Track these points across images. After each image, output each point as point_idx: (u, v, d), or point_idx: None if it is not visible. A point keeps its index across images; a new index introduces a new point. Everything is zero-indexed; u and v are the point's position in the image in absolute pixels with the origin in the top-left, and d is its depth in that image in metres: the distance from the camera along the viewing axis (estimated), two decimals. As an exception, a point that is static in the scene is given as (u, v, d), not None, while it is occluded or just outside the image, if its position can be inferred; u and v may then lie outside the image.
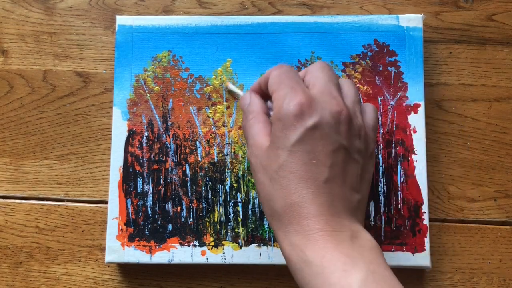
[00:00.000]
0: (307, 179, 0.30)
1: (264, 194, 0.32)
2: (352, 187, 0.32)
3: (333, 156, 0.31)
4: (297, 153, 0.30)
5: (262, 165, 0.32)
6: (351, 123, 0.32)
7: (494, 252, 0.42)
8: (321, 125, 0.30)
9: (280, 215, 0.31)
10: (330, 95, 0.32)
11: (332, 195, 0.30)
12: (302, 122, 0.30)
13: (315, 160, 0.30)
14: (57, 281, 0.42)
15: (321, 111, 0.31)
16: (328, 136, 0.31)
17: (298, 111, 0.30)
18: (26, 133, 0.43)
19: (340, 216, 0.30)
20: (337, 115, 0.31)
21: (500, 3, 0.44)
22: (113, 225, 0.40)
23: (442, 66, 0.44)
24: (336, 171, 0.31)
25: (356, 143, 0.32)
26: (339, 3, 0.44)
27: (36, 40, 0.44)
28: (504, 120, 0.43)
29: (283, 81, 0.32)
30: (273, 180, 0.31)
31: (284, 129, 0.31)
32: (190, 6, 0.45)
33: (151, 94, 0.42)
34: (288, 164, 0.30)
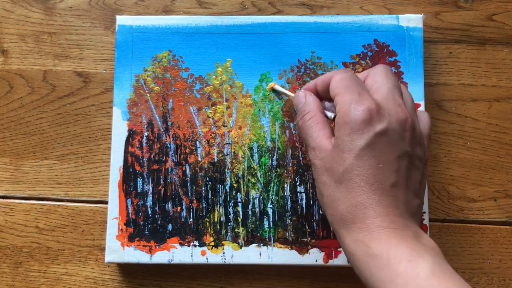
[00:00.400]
0: (373, 182, 0.31)
1: (328, 194, 0.33)
2: (414, 191, 0.33)
3: (398, 161, 0.32)
4: (364, 157, 0.31)
5: (326, 167, 0.32)
6: (415, 131, 0.33)
7: (494, 252, 0.42)
8: (389, 131, 0.31)
9: (344, 214, 0.32)
10: (395, 102, 0.32)
11: (397, 199, 0.31)
12: (370, 128, 0.31)
13: (382, 164, 0.31)
14: (57, 281, 0.42)
15: (389, 118, 0.32)
16: (394, 143, 0.31)
17: (367, 116, 0.31)
18: (26, 133, 0.43)
19: (404, 217, 0.31)
20: (403, 123, 0.32)
21: (500, 3, 0.44)
22: (113, 225, 0.40)
23: (442, 66, 0.44)
24: (400, 176, 0.32)
25: (418, 150, 0.33)
26: (339, 3, 0.44)
27: (36, 40, 0.44)
28: (504, 120, 0.43)
29: (349, 85, 0.33)
30: (339, 182, 0.32)
31: (352, 133, 0.31)
32: (190, 6, 0.45)
33: (151, 94, 0.42)
34: (355, 167, 0.31)
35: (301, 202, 0.40)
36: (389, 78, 0.34)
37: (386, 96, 0.33)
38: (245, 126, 0.41)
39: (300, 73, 0.42)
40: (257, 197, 0.40)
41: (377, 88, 0.33)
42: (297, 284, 0.42)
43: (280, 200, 0.40)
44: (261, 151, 0.41)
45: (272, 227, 0.40)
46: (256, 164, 0.41)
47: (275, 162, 0.41)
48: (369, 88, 0.34)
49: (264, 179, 0.41)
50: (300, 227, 0.40)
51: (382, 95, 0.33)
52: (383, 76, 0.34)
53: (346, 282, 0.42)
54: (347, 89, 0.33)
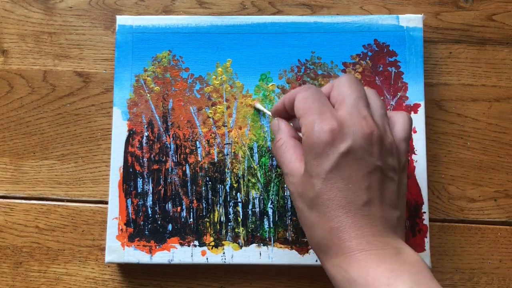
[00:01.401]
0: (345, 205, 0.30)
1: (303, 220, 0.32)
2: (390, 205, 0.31)
3: (369, 178, 0.30)
4: (332, 180, 0.30)
5: (299, 192, 0.32)
6: (383, 142, 0.31)
7: (494, 252, 0.42)
8: (354, 149, 0.30)
9: (319, 240, 0.31)
10: (359, 115, 0.31)
11: (372, 217, 0.30)
12: (334, 149, 0.30)
13: (351, 184, 0.30)
14: (57, 281, 0.42)
15: (353, 135, 0.30)
16: (362, 159, 0.30)
17: (330, 137, 0.30)
18: (26, 133, 0.43)
19: (382, 235, 0.30)
20: (368, 137, 0.31)
21: (500, 3, 0.44)
22: (113, 225, 0.40)
23: (442, 66, 0.44)
24: (373, 193, 0.30)
25: (390, 161, 0.32)
26: (339, 3, 0.44)
27: (36, 40, 0.44)
28: (504, 120, 0.43)
29: (310, 105, 0.32)
30: (311, 208, 0.31)
31: (317, 157, 0.30)
32: (190, 6, 0.45)
33: (151, 94, 0.42)
34: (324, 191, 0.30)
35: (301, 202, 0.40)
36: (353, 88, 0.32)
37: (350, 110, 0.31)
38: (245, 126, 0.41)
39: (300, 73, 0.42)
40: (257, 197, 0.40)
41: (341, 101, 0.32)
42: (297, 284, 0.42)
43: (280, 200, 0.40)
44: (261, 151, 0.41)
45: (272, 227, 0.40)
46: (256, 164, 0.41)
47: (275, 162, 0.41)
48: (334, 101, 0.32)
49: (264, 179, 0.41)
50: (300, 227, 0.40)
51: (346, 110, 0.31)
52: (347, 86, 0.32)
53: (346, 282, 0.42)
54: (308, 110, 0.32)
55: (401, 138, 0.33)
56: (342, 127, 0.30)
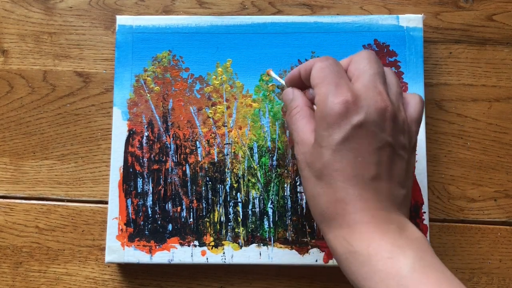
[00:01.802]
0: (353, 177, 0.30)
1: (309, 190, 0.32)
2: (398, 182, 0.31)
3: (379, 153, 0.30)
4: (342, 151, 0.30)
5: (307, 162, 0.32)
6: (396, 119, 0.31)
7: (494, 252, 0.42)
8: (366, 123, 0.30)
9: (324, 210, 0.31)
10: (375, 89, 0.31)
11: (379, 192, 0.30)
12: (346, 121, 0.30)
13: (361, 158, 0.30)
14: (57, 281, 0.42)
15: (367, 109, 0.30)
16: (374, 134, 0.30)
17: (343, 109, 0.30)
18: (26, 133, 0.43)
19: (387, 210, 0.30)
20: (382, 112, 0.30)
21: (500, 3, 0.44)
22: (113, 225, 0.40)
23: (442, 66, 0.44)
24: (382, 168, 0.30)
25: (401, 139, 0.32)
26: (339, 3, 0.44)
27: (36, 40, 0.44)
28: (504, 120, 0.43)
29: (327, 75, 0.32)
30: (318, 178, 0.31)
31: (329, 127, 0.30)
32: (190, 6, 0.45)
33: (151, 94, 0.42)
34: (333, 162, 0.30)
35: (301, 202, 0.40)
36: (372, 64, 0.32)
37: (366, 84, 0.31)
38: (245, 126, 0.41)
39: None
40: (257, 197, 0.40)
41: (358, 74, 0.32)
42: (297, 284, 0.42)
43: (280, 200, 0.40)
44: (261, 151, 0.41)
45: (272, 227, 0.40)
46: (256, 164, 0.41)
47: (275, 162, 0.41)
48: (351, 75, 0.32)
49: (264, 179, 0.41)
50: (300, 227, 0.40)
51: (362, 83, 0.31)
52: (365, 62, 0.32)
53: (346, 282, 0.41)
54: (324, 79, 0.32)
55: (413, 118, 0.33)
56: (356, 99, 0.30)
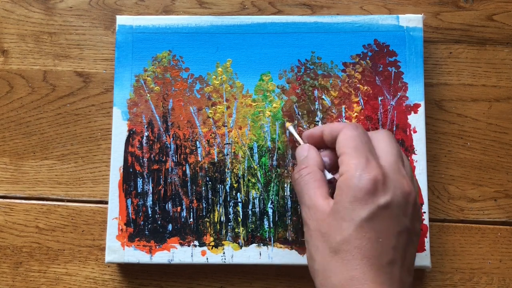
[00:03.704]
0: (371, 257, 0.29)
1: (319, 261, 0.31)
2: (408, 269, 0.31)
3: (398, 237, 0.30)
4: (365, 229, 0.30)
5: (321, 232, 0.31)
6: (416, 206, 0.31)
7: (494, 252, 0.42)
8: (392, 205, 0.30)
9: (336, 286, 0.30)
10: (400, 173, 0.31)
11: (392, 277, 0.30)
12: (374, 199, 0.30)
13: (382, 239, 0.30)
14: (57, 281, 0.42)
15: (394, 190, 0.30)
16: (397, 217, 0.30)
17: (373, 187, 0.30)
18: (26, 133, 0.43)
19: None
20: (407, 197, 0.31)
21: (500, 3, 0.44)
22: (113, 225, 0.40)
23: (442, 66, 0.44)
24: (397, 253, 0.30)
25: (416, 225, 0.32)
26: (339, 3, 0.44)
27: (36, 40, 0.44)
28: (504, 120, 0.43)
29: (358, 147, 0.31)
30: (334, 251, 0.30)
31: (354, 201, 0.30)
32: (190, 6, 0.45)
33: (151, 94, 0.42)
34: (353, 239, 0.29)
35: (301, 202, 0.40)
36: (394, 145, 0.32)
37: (392, 166, 0.31)
38: (245, 126, 0.41)
39: (300, 73, 0.42)
40: (257, 197, 0.40)
41: (381, 154, 0.32)
42: (297, 284, 0.42)
43: (280, 200, 0.40)
44: (261, 151, 0.41)
45: (272, 227, 0.40)
46: (256, 164, 0.41)
47: (275, 162, 0.41)
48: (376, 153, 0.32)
49: (264, 179, 0.41)
50: (300, 227, 0.40)
51: (388, 164, 0.31)
52: (387, 142, 0.32)
53: (346, 282, 0.42)
54: (355, 150, 0.31)
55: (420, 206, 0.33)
56: (385, 179, 0.30)
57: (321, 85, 0.41)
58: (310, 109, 0.41)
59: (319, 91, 0.41)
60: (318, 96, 0.41)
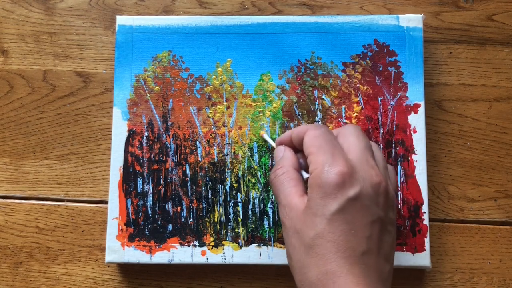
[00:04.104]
0: (345, 249, 0.30)
1: (296, 259, 0.31)
2: (384, 257, 0.31)
3: (371, 227, 0.31)
4: (337, 222, 0.30)
5: (296, 229, 0.31)
6: (388, 195, 0.32)
7: (494, 252, 0.42)
8: (362, 196, 0.30)
9: (313, 282, 0.30)
10: (368, 164, 0.31)
11: (368, 267, 0.30)
12: (343, 192, 0.30)
13: (354, 230, 0.30)
14: (57, 281, 0.42)
15: (362, 182, 0.31)
16: (368, 208, 0.30)
17: (340, 180, 0.30)
18: (26, 133, 0.43)
19: (373, 286, 0.30)
20: (376, 187, 0.31)
21: (500, 3, 0.44)
22: (113, 225, 0.40)
23: (442, 66, 0.44)
24: (372, 243, 0.30)
25: (390, 214, 0.32)
26: (339, 3, 0.44)
27: (36, 40, 0.44)
28: (504, 120, 0.43)
29: (322, 144, 0.32)
30: (308, 247, 0.30)
31: (324, 196, 0.30)
32: (190, 6, 0.45)
33: (151, 94, 0.42)
34: (326, 232, 0.30)
35: (301, 202, 0.40)
36: (361, 138, 0.33)
37: (359, 158, 0.31)
38: (245, 126, 0.41)
39: (300, 73, 0.42)
40: (257, 197, 0.41)
41: (348, 148, 0.32)
42: (297, 284, 0.42)
43: (280, 200, 0.40)
44: (261, 151, 0.41)
45: (272, 227, 0.40)
46: (256, 164, 0.41)
47: (275, 162, 0.41)
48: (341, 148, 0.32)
49: (264, 179, 0.41)
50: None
51: (354, 156, 0.32)
52: (354, 136, 0.33)
53: (346, 282, 0.42)
54: (320, 148, 0.32)
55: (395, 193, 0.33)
56: (353, 172, 0.31)
57: (321, 85, 0.42)
58: (310, 109, 0.41)
59: (319, 91, 0.41)
60: (318, 96, 0.41)
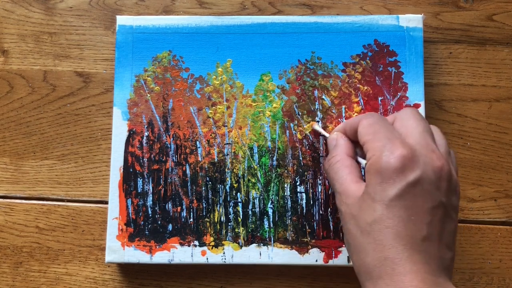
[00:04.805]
0: (404, 236, 0.29)
1: (354, 244, 0.31)
2: (447, 245, 0.30)
3: (432, 213, 0.30)
4: (395, 208, 0.29)
5: (353, 215, 0.31)
6: (450, 180, 0.31)
7: (494, 252, 0.42)
8: (423, 180, 0.29)
9: (370, 268, 0.30)
10: (428, 147, 0.31)
11: (428, 254, 0.29)
12: (402, 177, 0.29)
13: (414, 216, 0.29)
14: (57, 281, 0.42)
15: (423, 166, 0.30)
16: (429, 193, 0.30)
17: (400, 164, 0.29)
18: (27, 133, 0.43)
19: (434, 274, 0.29)
20: (438, 171, 0.30)
21: (500, 3, 0.44)
22: (113, 225, 0.40)
23: (442, 66, 0.44)
24: (433, 229, 0.30)
25: (453, 200, 0.31)
26: (339, 3, 0.44)
27: (37, 40, 0.44)
28: (504, 120, 0.43)
29: (378, 131, 0.31)
30: (366, 233, 0.30)
31: (383, 182, 0.30)
32: (190, 6, 0.45)
33: (151, 94, 0.42)
34: (385, 218, 0.29)
35: (301, 202, 0.40)
36: (419, 121, 0.32)
37: (419, 141, 0.31)
38: (245, 126, 0.41)
39: (300, 73, 0.42)
40: (257, 197, 0.41)
41: (407, 132, 0.31)
42: (297, 284, 0.42)
43: (280, 200, 0.40)
44: (261, 151, 0.41)
45: (272, 227, 0.40)
46: (256, 164, 0.41)
47: (275, 162, 0.41)
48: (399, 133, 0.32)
49: (264, 179, 0.41)
50: (300, 227, 0.40)
51: (414, 140, 0.31)
52: (412, 119, 0.32)
53: (346, 282, 0.42)
54: (376, 135, 0.31)
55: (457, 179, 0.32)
56: (413, 156, 0.30)
57: (321, 85, 0.42)
58: (310, 109, 0.41)
59: (319, 91, 0.42)
60: (318, 96, 0.41)
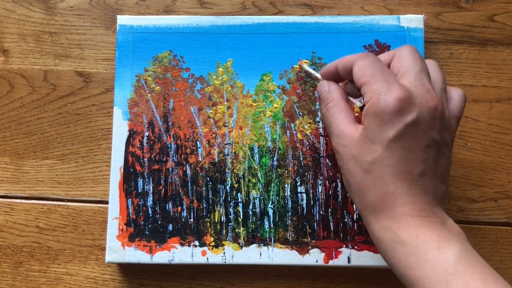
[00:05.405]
0: (402, 172, 0.31)
1: (355, 182, 0.33)
2: (440, 178, 0.32)
3: (427, 150, 0.31)
4: (394, 148, 0.31)
5: (353, 155, 0.32)
6: (444, 118, 0.32)
7: (495, 253, 0.42)
8: (419, 121, 0.31)
9: (372, 202, 0.32)
10: (424, 88, 0.32)
11: (424, 187, 0.31)
12: (401, 118, 0.31)
13: (411, 155, 0.31)
14: (58, 281, 0.42)
15: (419, 107, 0.31)
16: (424, 132, 0.31)
17: (398, 106, 0.31)
18: (27, 133, 0.43)
19: (431, 205, 0.31)
20: (432, 111, 0.31)
21: (501, 3, 0.44)
22: (113, 225, 0.40)
23: (443, 67, 0.44)
24: (428, 165, 0.32)
25: (446, 137, 0.33)
26: (340, 4, 0.44)
27: (37, 39, 0.44)
28: (505, 120, 0.43)
29: (375, 73, 0.32)
30: (366, 171, 0.32)
31: (382, 124, 0.31)
32: (191, 6, 0.45)
33: (152, 94, 0.42)
34: (384, 158, 0.31)
35: (301, 203, 0.40)
36: (416, 61, 0.33)
37: (414, 82, 0.32)
38: (245, 126, 0.41)
39: (301, 73, 0.42)
40: (257, 197, 0.41)
41: (404, 72, 0.32)
42: (297, 284, 0.42)
43: (281, 200, 0.40)
44: (262, 151, 0.41)
45: (273, 228, 0.40)
46: (256, 164, 0.41)
47: (275, 162, 0.41)
48: (396, 71, 0.33)
49: (265, 179, 0.41)
50: (300, 227, 0.40)
51: (410, 81, 0.32)
52: (410, 59, 0.33)
53: (347, 283, 0.42)
54: (373, 77, 0.32)
55: (454, 115, 0.34)
56: (410, 97, 0.31)
57: (321, 85, 0.41)
58: (310, 109, 0.41)
59: (319, 91, 0.41)
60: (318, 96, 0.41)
